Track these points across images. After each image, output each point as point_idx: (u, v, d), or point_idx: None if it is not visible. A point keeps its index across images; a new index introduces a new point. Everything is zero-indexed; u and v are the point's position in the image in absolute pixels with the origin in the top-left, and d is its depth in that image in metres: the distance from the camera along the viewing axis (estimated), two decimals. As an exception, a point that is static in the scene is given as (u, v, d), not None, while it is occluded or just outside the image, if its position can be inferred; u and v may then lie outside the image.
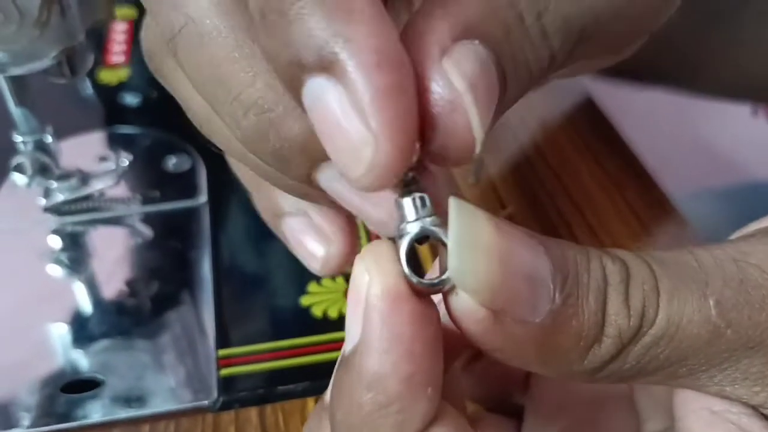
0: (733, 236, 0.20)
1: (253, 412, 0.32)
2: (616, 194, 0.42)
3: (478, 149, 0.16)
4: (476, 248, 0.16)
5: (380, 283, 0.16)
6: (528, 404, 0.25)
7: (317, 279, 0.37)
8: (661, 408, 0.23)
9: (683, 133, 0.89)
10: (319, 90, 0.15)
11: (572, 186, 0.43)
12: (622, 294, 0.17)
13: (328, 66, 0.15)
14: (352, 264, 0.23)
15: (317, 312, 0.35)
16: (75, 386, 0.33)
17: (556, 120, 0.48)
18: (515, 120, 0.48)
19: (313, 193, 0.20)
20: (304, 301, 0.36)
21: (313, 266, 0.24)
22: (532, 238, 0.17)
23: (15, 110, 0.36)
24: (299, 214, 0.24)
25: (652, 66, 0.46)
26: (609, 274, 0.17)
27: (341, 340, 0.23)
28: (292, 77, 0.16)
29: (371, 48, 0.15)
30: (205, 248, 0.39)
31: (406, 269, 0.16)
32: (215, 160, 0.43)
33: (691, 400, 0.19)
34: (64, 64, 0.34)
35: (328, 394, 0.24)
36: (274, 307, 0.36)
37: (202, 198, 0.41)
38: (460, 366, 0.25)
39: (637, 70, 0.48)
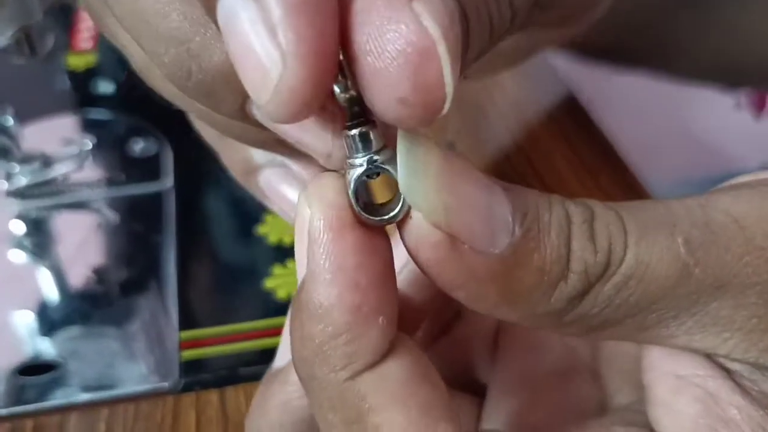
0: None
1: (214, 395, 0.32)
2: (589, 180, 0.42)
3: (447, 107, 0.15)
4: (427, 168, 0.15)
5: (320, 214, 0.15)
6: (491, 380, 0.25)
7: (282, 261, 0.36)
8: (628, 380, 0.23)
9: (666, 124, 0.89)
10: (232, 6, 0.14)
11: (545, 171, 0.43)
12: (587, 232, 0.16)
13: None
14: None
15: (281, 294, 0.35)
16: (34, 369, 0.33)
17: (530, 106, 0.48)
18: (489, 105, 0.47)
19: (263, 135, 0.19)
20: (268, 283, 0.35)
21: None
22: (488, 177, 0.16)
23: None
24: (275, 164, 0.24)
25: (626, 47, 0.46)
26: (572, 214, 0.16)
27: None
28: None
29: None
30: (171, 232, 0.38)
31: (354, 202, 0.16)
32: (182, 144, 0.43)
33: (657, 363, 0.18)
34: (23, 42, 0.33)
35: (275, 361, 0.24)
36: (238, 290, 0.35)
37: (168, 182, 0.41)
38: (422, 344, 0.25)
39: (611, 51, 0.47)
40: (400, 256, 0.17)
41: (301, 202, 0.16)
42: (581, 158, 0.44)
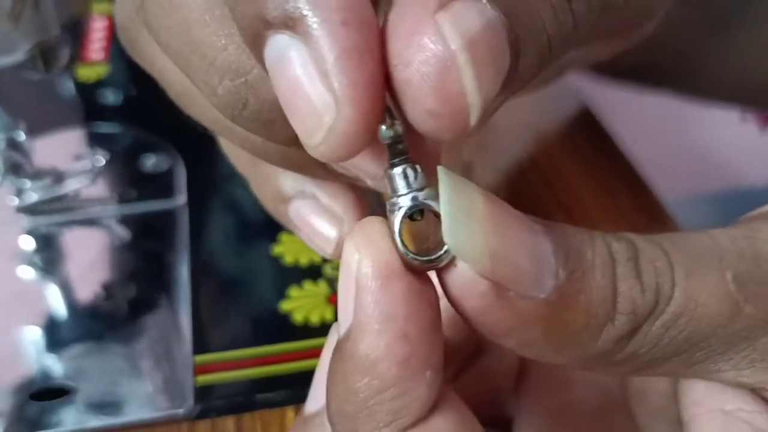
0: (738, 219, 0.19)
1: (230, 422, 0.31)
2: (607, 200, 0.42)
3: (474, 119, 0.15)
4: (472, 216, 0.15)
5: (370, 260, 0.15)
6: (519, 416, 0.24)
7: (298, 282, 0.36)
8: (660, 416, 0.22)
9: (673, 138, 0.89)
10: (282, 48, 0.15)
11: (563, 191, 0.42)
12: (633, 270, 0.16)
13: (291, 22, 0.14)
14: None
15: (298, 317, 0.34)
16: (46, 394, 0.32)
17: (547, 124, 0.47)
18: (505, 124, 0.47)
19: (306, 160, 0.19)
20: (284, 305, 0.35)
21: (327, 250, 0.23)
22: (528, 217, 0.16)
23: (-14, 106, 0.35)
24: (306, 196, 0.24)
25: (651, 68, 0.46)
26: (615, 252, 0.16)
27: (322, 347, 0.22)
28: (255, 34, 0.15)
29: (337, 5, 0.14)
30: (183, 251, 0.38)
31: (399, 244, 0.15)
32: (195, 160, 0.42)
33: (701, 400, 0.18)
34: (38, 58, 0.33)
35: (308, 405, 0.23)
36: (253, 312, 0.35)
37: (181, 199, 0.40)
38: (448, 378, 0.24)
39: (634, 72, 0.47)
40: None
41: (348, 249, 0.15)
42: (598, 177, 0.43)
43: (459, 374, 0.25)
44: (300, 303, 0.35)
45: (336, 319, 0.33)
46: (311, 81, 0.14)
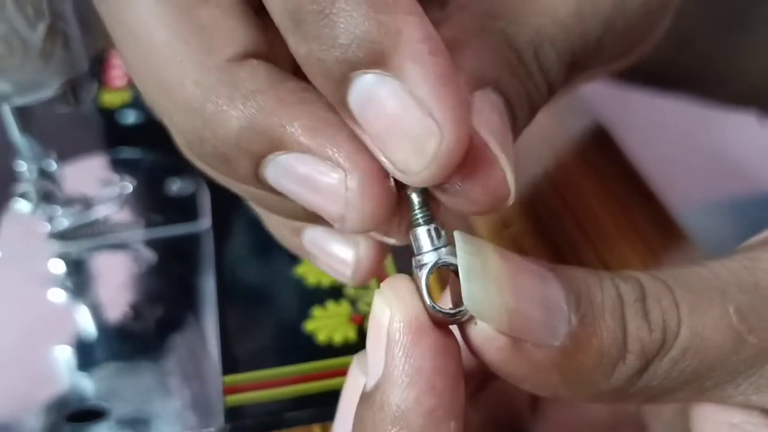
0: (737, 248, 0.20)
1: (259, 440, 0.32)
2: (620, 215, 0.42)
3: (512, 200, 0.17)
4: (486, 277, 0.16)
5: (402, 316, 0.16)
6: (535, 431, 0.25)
7: (321, 303, 0.37)
8: (671, 429, 0.23)
9: (689, 143, 0.89)
10: (370, 87, 0.15)
11: (576, 206, 0.43)
12: (640, 311, 0.17)
13: (379, 60, 0.15)
14: (381, 267, 0.23)
15: (321, 337, 0.35)
16: (80, 415, 0.33)
17: (560, 139, 0.48)
18: (518, 140, 0.47)
19: (270, 198, 0.20)
20: (308, 326, 0.36)
21: (346, 274, 0.24)
22: (539, 264, 0.17)
23: (19, 138, 0.36)
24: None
25: (667, 70, 0.46)
26: (623, 293, 0.17)
27: (345, 367, 0.23)
28: (339, 79, 0.16)
29: (421, 36, 0.15)
30: (209, 273, 0.39)
31: (428, 300, 0.16)
32: (219, 183, 0.43)
33: (710, 415, 0.19)
34: (69, 93, 0.34)
35: (336, 429, 0.24)
36: (278, 333, 0.36)
37: (206, 222, 0.41)
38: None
39: (649, 74, 0.47)
40: None
41: (379, 304, 0.16)
42: (612, 192, 0.44)
43: (477, 394, 0.25)
44: (323, 323, 0.36)
45: (357, 339, 0.34)
46: (410, 112, 0.15)
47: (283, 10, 0.16)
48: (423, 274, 0.17)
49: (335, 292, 0.37)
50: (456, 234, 0.16)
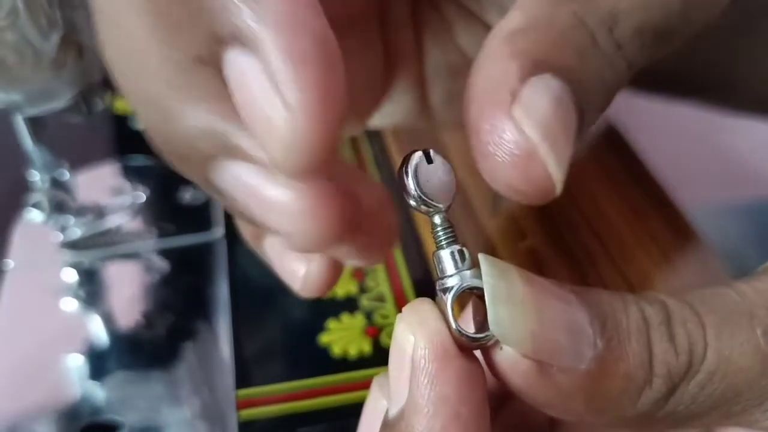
0: (762, 266, 0.20)
1: (272, 455, 0.32)
2: (637, 224, 0.42)
3: (558, 190, 0.16)
4: (512, 301, 0.15)
5: (426, 343, 0.16)
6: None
7: (336, 315, 0.36)
8: None
9: (703, 147, 0.88)
10: (238, 65, 0.15)
11: (593, 216, 0.42)
12: (666, 334, 0.16)
13: (242, 37, 0.14)
14: (333, 285, 0.23)
15: (336, 350, 0.35)
16: (94, 428, 0.33)
17: (577, 148, 0.48)
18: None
19: (227, 201, 0.19)
20: (323, 338, 0.35)
21: (295, 286, 0.23)
22: (563, 288, 0.17)
23: (31, 148, 0.36)
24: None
25: (681, 76, 0.45)
26: (648, 317, 0.17)
27: (360, 380, 0.23)
28: (211, 54, 0.15)
29: (282, 12, 0.14)
30: (222, 283, 0.38)
31: (454, 324, 0.16)
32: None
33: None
34: (81, 103, 0.34)
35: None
36: (293, 346, 0.35)
37: (219, 232, 0.41)
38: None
39: (663, 81, 0.47)
40: None
41: (402, 330, 0.16)
42: (629, 201, 0.43)
43: (495, 413, 0.25)
44: (338, 335, 0.35)
45: (372, 352, 0.34)
46: (265, 94, 0.14)
47: None
48: (448, 298, 0.16)
49: (350, 304, 0.37)
50: (481, 257, 0.16)
